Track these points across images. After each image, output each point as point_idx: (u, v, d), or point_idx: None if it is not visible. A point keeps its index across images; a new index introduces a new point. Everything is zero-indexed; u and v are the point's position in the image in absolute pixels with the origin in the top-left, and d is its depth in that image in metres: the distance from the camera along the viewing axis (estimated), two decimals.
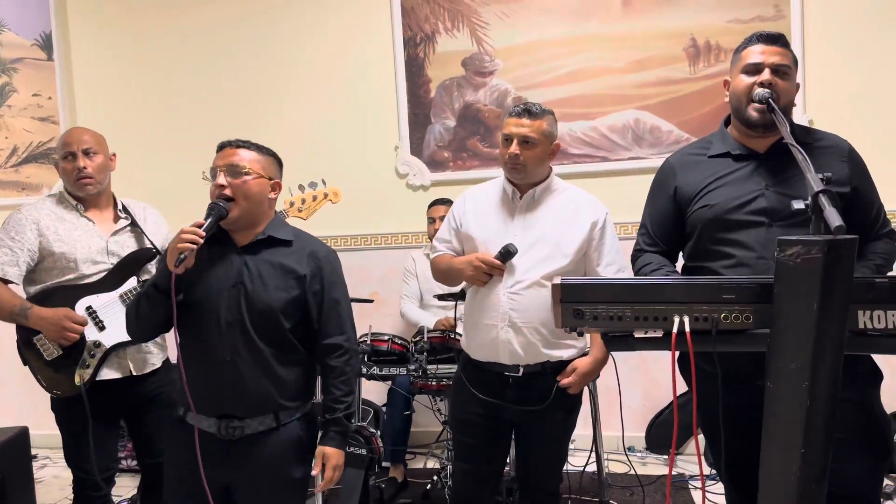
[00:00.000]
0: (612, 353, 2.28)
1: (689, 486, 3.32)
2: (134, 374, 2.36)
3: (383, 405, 3.59)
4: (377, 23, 3.91)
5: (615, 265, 2.21)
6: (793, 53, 1.89)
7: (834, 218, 1.14)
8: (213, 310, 1.82)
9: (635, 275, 2.04)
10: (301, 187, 2.64)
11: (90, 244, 2.33)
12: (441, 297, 2.95)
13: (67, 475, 3.79)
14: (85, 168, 2.33)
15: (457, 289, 2.59)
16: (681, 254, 2.06)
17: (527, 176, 2.17)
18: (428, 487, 3.26)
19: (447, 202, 3.56)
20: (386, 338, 2.97)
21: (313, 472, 1.93)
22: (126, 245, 2.42)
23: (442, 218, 3.55)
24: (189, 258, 1.77)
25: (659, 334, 1.57)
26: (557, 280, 1.51)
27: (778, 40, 1.88)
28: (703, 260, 1.90)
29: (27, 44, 4.28)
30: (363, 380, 3.16)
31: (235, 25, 4.09)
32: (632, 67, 3.66)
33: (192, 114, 4.14)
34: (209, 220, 1.80)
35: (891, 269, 1.88)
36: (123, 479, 3.77)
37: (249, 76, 4.10)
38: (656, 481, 3.34)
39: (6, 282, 2.25)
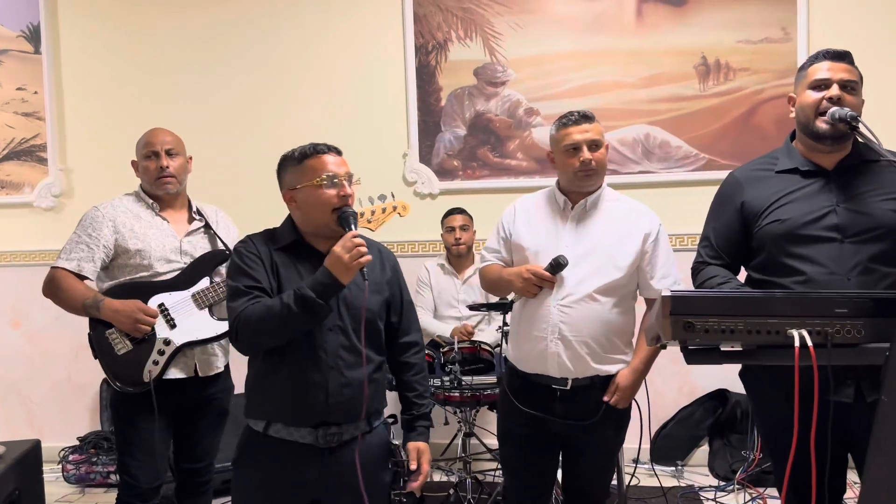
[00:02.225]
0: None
1: (701, 497, 3.36)
2: (199, 375, 2.36)
3: (389, 417, 3.52)
4: (389, 29, 3.87)
5: (670, 277, 2.20)
6: (858, 70, 1.93)
7: None
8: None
9: (699, 287, 2.04)
10: (371, 199, 2.65)
11: (164, 243, 2.36)
12: (473, 308, 2.91)
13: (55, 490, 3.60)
14: (167, 167, 2.37)
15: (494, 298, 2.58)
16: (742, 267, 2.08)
17: (599, 180, 2.18)
18: (444, 502, 3.21)
19: (463, 211, 3.54)
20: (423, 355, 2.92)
21: (412, 467, 1.91)
22: (199, 246, 2.44)
23: (462, 227, 3.53)
24: None
25: (738, 348, 1.59)
26: (667, 292, 1.50)
27: (844, 57, 1.92)
28: (772, 274, 1.91)
29: (12, 35, 4.09)
30: None
31: (238, 26, 4.00)
32: (643, 83, 3.71)
33: (187, 115, 4.00)
34: (353, 227, 1.79)
35: None
36: (115, 495, 3.59)
37: (252, 78, 4.00)
38: (667, 492, 3.36)
39: (82, 277, 2.29)
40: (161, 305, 2.29)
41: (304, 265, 1.81)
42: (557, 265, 2.09)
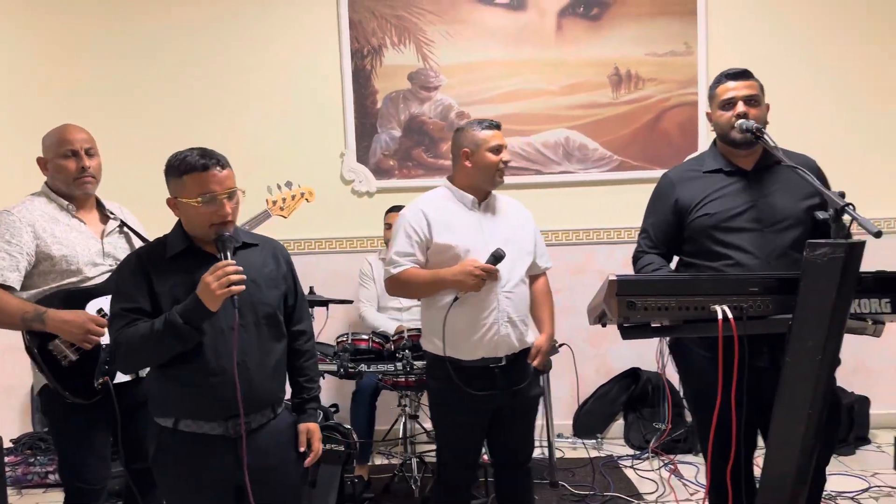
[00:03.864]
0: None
1: (620, 466, 3.73)
2: (139, 375, 2.34)
3: (331, 406, 3.69)
4: (325, 34, 4.02)
5: (546, 255, 2.59)
6: (758, 82, 2.28)
7: (870, 225, 1.50)
8: (215, 318, 1.81)
9: (638, 272, 2.36)
10: (279, 187, 2.77)
11: (88, 246, 2.29)
12: None
13: None
14: (89, 168, 2.29)
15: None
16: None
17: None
18: (389, 483, 3.42)
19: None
20: (365, 337, 3.11)
21: (301, 449, 2.03)
22: (119, 247, 2.38)
23: None
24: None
25: (666, 323, 1.89)
26: (613, 276, 1.78)
27: (743, 75, 2.28)
28: (704, 259, 2.25)
29: None
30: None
31: (174, 29, 4.03)
32: (563, 91, 4.04)
33: (114, 117, 3.99)
34: (227, 254, 1.81)
35: None
36: (54, 494, 3.58)
37: (189, 80, 4.05)
38: (587, 465, 3.69)
39: (7, 288, 2.15)
40: (100, 311, 2.21)
41: (200, 272, 1.79)
42: (499, 257, 2.32)
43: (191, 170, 1.81)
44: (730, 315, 1.70)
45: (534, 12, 4.01)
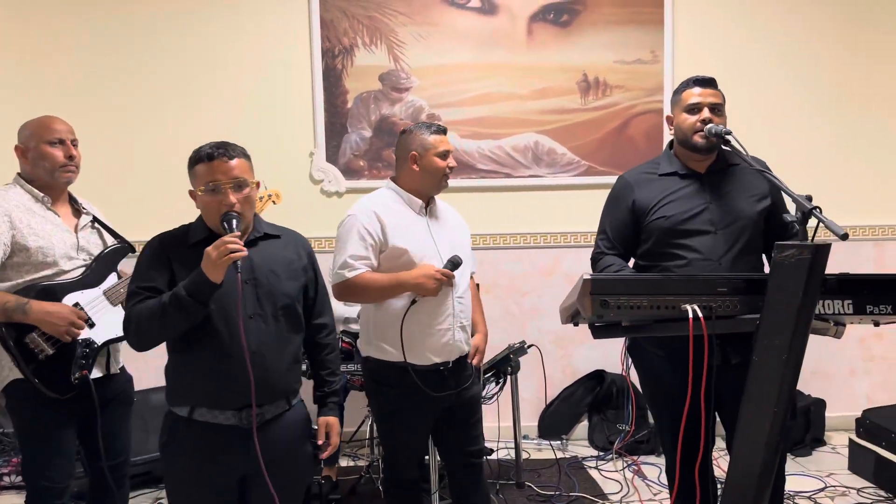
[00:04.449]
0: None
1: (585, 466, 3.77)
2: (111, 372, 2.33)
3: None
4: (295, 32, 3.99)
5: (474, 259, 2.64)
6: (722, 93, 2.35)
7: (837, 228, 1.55)
8: (232, 307, 1.85)
9: (598, 272, 2.40)
10: None
11: (64, 239, 2.27)
12: None
13: None
14: (75, 157, 2.29)
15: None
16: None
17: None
18: (355, 484, 3.41)
19: None
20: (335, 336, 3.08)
21: (319, 442, 2.06)
22: (92, 241, 2.37)
23: None
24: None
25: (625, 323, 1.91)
26: (587, 276, 1.81)
27: (710, 83, 2.34)
28: (658, 260, 2.30)
29: None
30: None
31: (142, 25, 3.95)
32: (533, 95, 4.08)
33: (80, 111, 3.89)
34: (236, 229, 1.84)
35: None
36: (8, 497, 3.48)
37: (155, 76, 3.97)
38: (553, 466, 3.73)
39: None
40: (77, 305, 2.21)
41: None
42: (457, 264, 2.34)
43: (199, 160, 1.89)
44: (700, 314, 1.74)
45: (505, 17, 4.04)
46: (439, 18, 4.02)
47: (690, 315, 1.74)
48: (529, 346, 3.43)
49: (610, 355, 4.11)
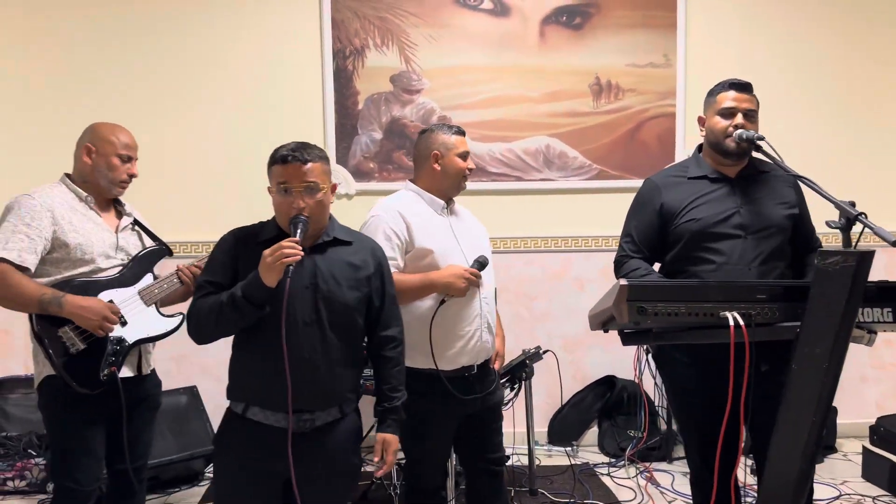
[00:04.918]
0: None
1: (597, 473, 3.73)
2: (142, 373, 2.33)
3: None
4: (306, 32, 3.95)
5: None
6: (756, 98, 2.31)
7: (886, 234, 1.52)
8: (290, 311, 1.85)
9: (623, 277, 2.35)
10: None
11: (104, 238, 2.29)
12: None
13: None
14: (134, 177, 2.36)
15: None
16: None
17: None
18: (366, 490, 3.36)
19: None
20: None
21: (374, 459, 2.01)
22: (132, 242, 2.40)
23: None
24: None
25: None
26: (624, 281, 1.77)
27: (747, 88, 2.30)
28: (687, 265, 2.27)
29: None
30: None
31: (149, 23, 3.91)
32: (545, 98, 4.06)
33: (88, 110, 3.84)
34: (301, 235, 1.83)
35: None
36: (12, 502, 3.41)
37: (162, 75, 3.93)
38: (565, 472, 3.69)
39: (24, 270, 2.13)
40: (111, 302, 2.22)
41: None
42: (483, 264, 2.31)
43: (274, 162, 1.92)
44: (741, 322, 1.71)
45: (517, 19, 4.01)
46: (451, 20, 3.99)
47: (731, 323, 1.70)
48: (545, 352, 3.39)
49: (620, 360, 4.09)
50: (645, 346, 3.82)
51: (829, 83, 4.17)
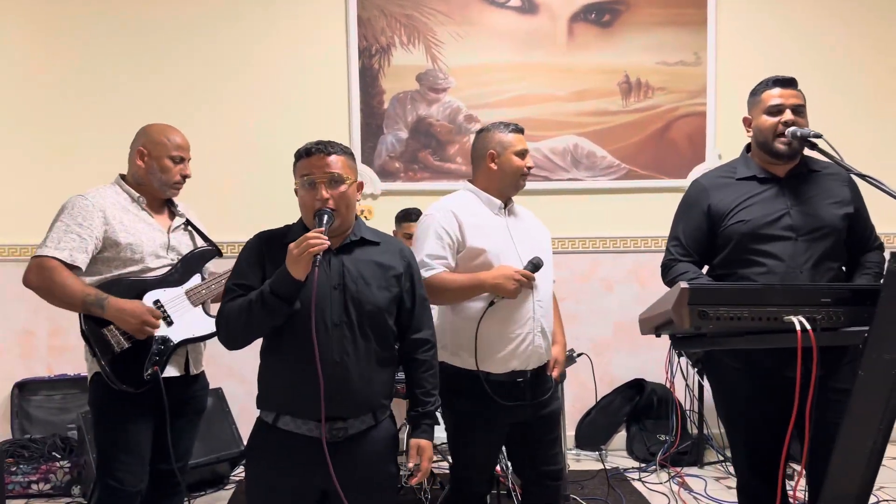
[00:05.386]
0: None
1: (628, 478, 3.67)
2: (190, 373, 2.31)
3: None
4: (332, 30, 3.91)
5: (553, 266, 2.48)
6: (802, 93, 2.24)
7: None
8: (318, 313, 1.78)
9: (673, 281, 2.29)
10: None
11: (154, 238, 2.30)
12: None
13: None
14: (188, 177, 2.37)
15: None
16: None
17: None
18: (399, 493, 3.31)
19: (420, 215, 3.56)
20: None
21: (409, 465, 1.94)
22: (183, 243, 2.39)
23: None
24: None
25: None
26: (685, 284, 1.71)
27: (792, 83, 2.24)
28: (737, 268, 2.20)
29: None
30: None
31: (173, 21, 3.88)
32: (573, 97, 4.00)
33: (115, 109, 3.83)
34: (326, 227, 1.78)
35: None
36: None
37: (189, 74, 3.90)
38: (595, 477, 3.63)
39: (74, 269, 2.16)
40: (157, 302, 2.22)
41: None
42: (538, 266, 2.24)
43: (300, 155, 1.88)
44: (808, 326, 1.65)
45: (545, 17, 3.96)
46: (478, 17, 3.94)
47: (798, 327, 1.64)
48: (579, 355, 3.33)
49: (649, 363, 4.03)
50: (677, 350, 3.80)
51: (863, 80, 4.10)
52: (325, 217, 1.80)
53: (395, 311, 1.94)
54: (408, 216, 3.50)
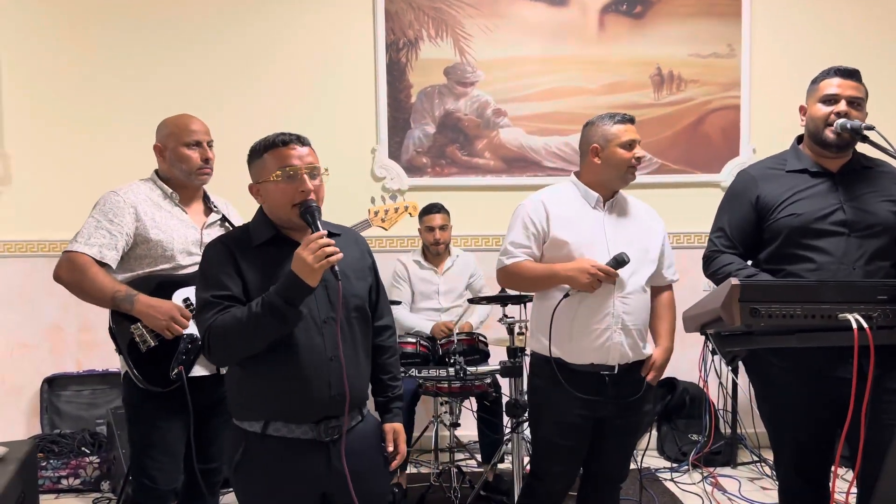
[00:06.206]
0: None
1: (660, 479, 3.61)
2: (221, 372, 2.24)
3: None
4: (358, 24, 3.87)
5: (673, 266, 2.40)
6: (865, 87, 2.15)
7: None
8: (307, 311, 1.70)
9: (716, 273, 2.22)
10: (382, 198, 2.77)
11: (186, 235, 2.26)
12: (475, 301, 2.98)
13: None
14: (211, 159, 2.30)
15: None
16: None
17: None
18: (424, 493, 3.27)
19: (441, 209, 3.53)
20: (412, 340, 2.94)
21: (389, 449, 1.89)
22: None
23: (441, 227, 3.54)
24: None
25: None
26: (736, 281, 1.65)
27: (853, 75, 2.14)
28: (785, 263, 2.12)
29: None
30: None
31: (201, 15, 3.87)
32: (604, 90, 3.93)
33: (142, 103, 3.82)
34: (318, 224, 1.70)
35: None
36: (68, 500, 3.39)
37: (217, 68, 3.89)
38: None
39: (104, 265, 2.15)
40: (186, 300, 2.18)
41: (288, 262, 1.66)
42: (621, 262, 2.16)
43: (271, 146, 1.76)
44: (864, 324, 1.58)
45: (576, 8, 3.89)
46: (507, 10, 3.88)
47: (854, 325, 1.57)
48: None
49: (679, 361, 3.93)
50: (711, 347, 3.71)
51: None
52: (316, 214, 1.71)
53: (369, 300, 1.88)
54: (429, 209, 3.52)
